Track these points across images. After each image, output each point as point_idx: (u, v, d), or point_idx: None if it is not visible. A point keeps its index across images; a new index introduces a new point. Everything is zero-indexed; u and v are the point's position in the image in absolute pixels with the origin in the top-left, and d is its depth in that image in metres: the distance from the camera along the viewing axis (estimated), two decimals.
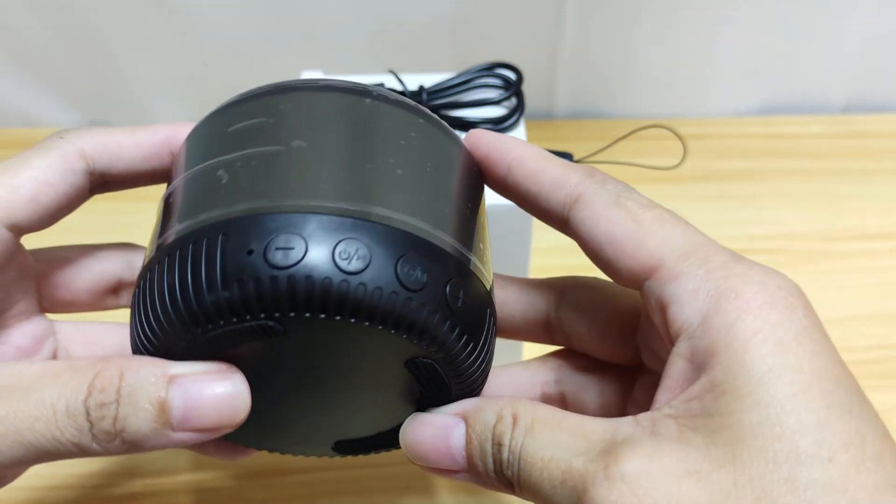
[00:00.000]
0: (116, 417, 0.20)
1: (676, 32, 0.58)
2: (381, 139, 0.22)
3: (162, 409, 0.21)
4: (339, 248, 0.19)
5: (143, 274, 0.22)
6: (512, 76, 0.41)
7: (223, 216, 0.20)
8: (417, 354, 0.21)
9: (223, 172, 0.21)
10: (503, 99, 0.40)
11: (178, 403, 0.21)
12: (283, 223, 0.20)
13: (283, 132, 0.22)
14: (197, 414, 0.21)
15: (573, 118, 0.62)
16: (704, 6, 0.56)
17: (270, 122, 0.22)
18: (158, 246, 0.21)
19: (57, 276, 0.27)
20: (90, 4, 0.54)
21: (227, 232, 0.20)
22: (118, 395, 0.20)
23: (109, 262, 0.27)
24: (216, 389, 0.21)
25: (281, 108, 0.23)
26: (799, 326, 0.19)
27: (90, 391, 0.20)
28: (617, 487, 0.18)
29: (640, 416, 0.20)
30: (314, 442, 0.27)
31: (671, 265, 0.21)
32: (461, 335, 0.21)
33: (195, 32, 0.56)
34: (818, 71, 0.61)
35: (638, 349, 0.25)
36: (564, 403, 0.27)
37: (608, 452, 0.19)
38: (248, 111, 0.23)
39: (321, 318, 0.20)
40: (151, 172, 0.26)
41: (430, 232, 0.21)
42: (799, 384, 0.18)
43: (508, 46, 0.57)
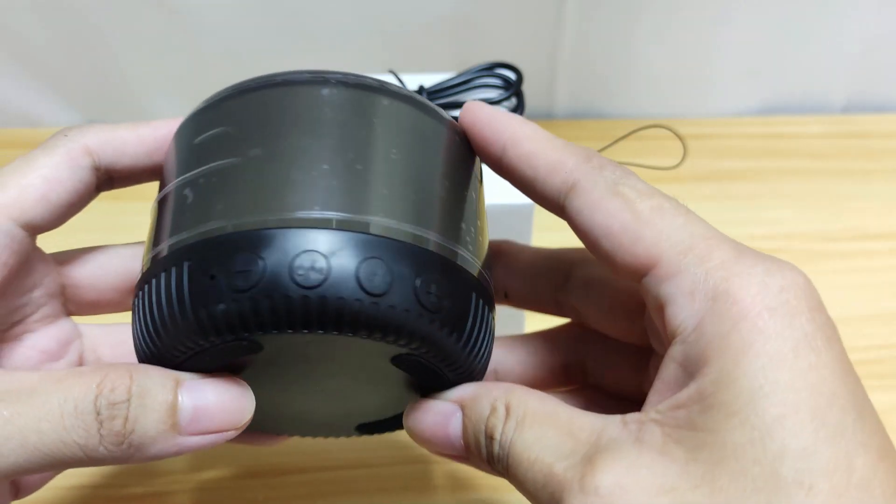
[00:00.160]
0: (127, 418, 0.20)
1: (676, 32, 0.58)
2: (337, 133, 0.21)
3: (172, 411, 0.21)
4: (294, 264, 0.19)
5: (139, 286, 0.22)
6: (512, 76, 0.41)
7: (187, 241, 0.20)
8: (399, 352, 0.21)
9: (189, 191, 0.21)
10: (503, 99, 0.40)
11: (187, 405, 0.21)
12: (241, 244, 0.20)
13: (240, 141, 0.22)
14: (206, 416, 0.21)
15: (573, 118, 0.62)
16: (704, 6, 0.56)
17: (230, 130, 0.22)
18: (153, 258, 0.22)
19: (82, 277, 0.27)
20: (90, 4, 0.54)
21: (190, 258, 0.20)
22: (129, 394, 0.20)
23: (134, 259, 0.27)
24: (223, 393, 0.22)
25: (239, 113, 0.22)
26: (799, 335, 0.19)
27: (100, 391, 0.20)
28: (590, 500, 0.18)
29: (628, 416, 0.20)
30: (337, 426, 0.28)
31: (669, 262, 0.20)
32: (441, 328, 0.20)
33: (195, 32, 0.56)
34: (818, 71, 0.61)
35: (646, 330, 0.24)
36: (585, 375, 0.27)
37: (588, 459, 0.19)
38: (212, 119, 0.23)
39: (289, 332, 0.20)
40: (154, 167, 0.26)
41: (393, 228, 0.20)
42: (789, 405, 0.18)
43: (508, 46, 0.57)
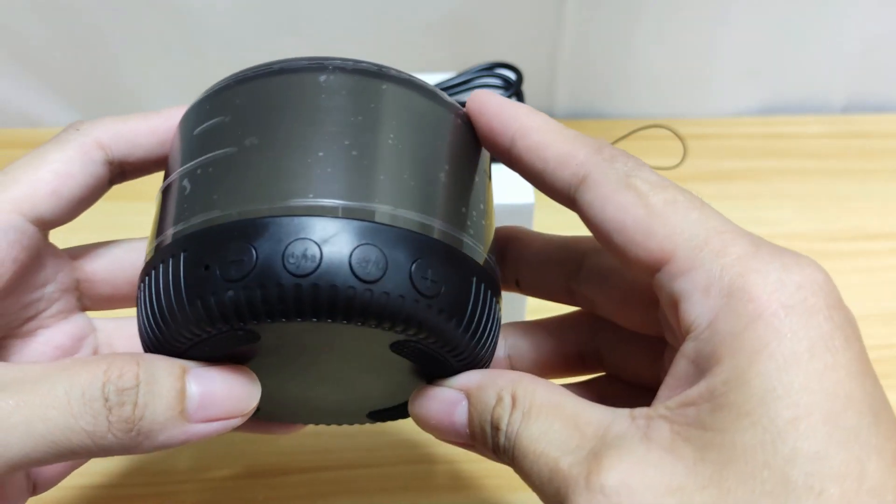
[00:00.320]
0: (137, 403, 0.20)
1: (676, 32, 0.58)
2: (333, 120, 0.21)
3: (180, 397, 0.21)
4: (287, 252, 0.19)
5: (142, 276, 0.22)
6: (512, 76, 0.41)
7: (184, 231, 0.20)
8: (397, 339, 0.21)
9: (187, 182, 0.21)
10: None
11: (194, 392, 0.21)
12: (234, 234, 0.19)
13: (237, 130, 0.21)
14: (212, 402, 0.21)
15: (573, 118, 0.62)
16: (705, 6, 0.56)
17: (227, 119, 0.22)
18: (155, 248, 0.22)
19: (96, 271, 0.27)
20: (90, 4, 0.54)
21: (186, 248, 0.20)
22: (138, 380, 0.20)
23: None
24: (228, 380, 0.22)
25: (237, 102, 0.22)
26: (816, 334, 0.18)
27: (107, 377, 0.20)
28: (595, 499, 0.18)
29: (637, 411, 0.20)
30: (348, 413, 0.27)
31: (683, 257, 0.20)
32: (439, 313, 0.20)
33: (195, 32, 0.56)
34: (818, 71, 0.61)
35: (659, 322, 0.24)
36: (601, 361, 0.27)
37: (595, 456, 0.19)
38: (211, 109, 0.23)
39: (283, 321, 0.20)
40: (166, 157, 0.25)
41: (389, 213, 0.20)
42: (802, 408, 0.17)
43: (508, 46, 0.57)
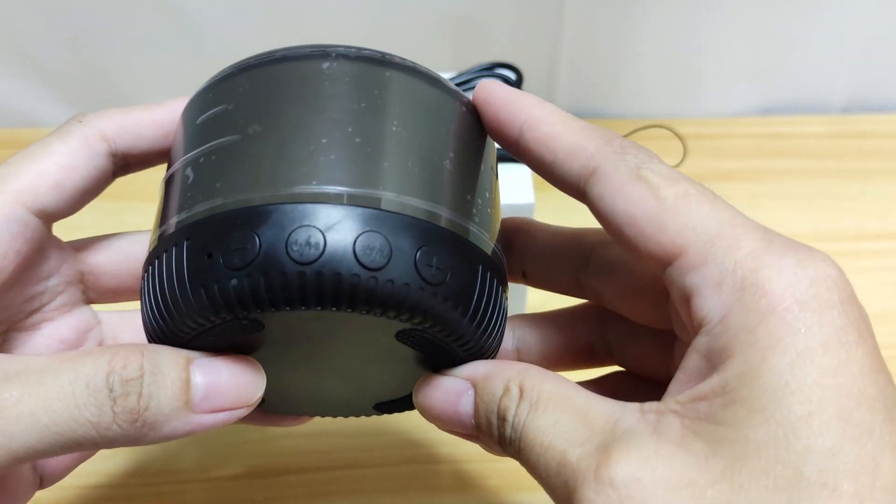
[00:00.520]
0: (141, 394, 0.20)
1: (676, 32, 0.58)
2: (336, 107, 0.21)
3: (185, 387, 0.21)
4: (290, 239, 0.19)
5: (146, 266, 0.22)
6: (512, 76, 0.41)
7: (187, 220, 0.20)
8: (403, 327, 0.21)
9: (190, 170, 0.21)
10: None
11: (199, 382, 0.21)
12: (238, 221, 0.19)
13: (240, 118, 0.21)
14: (217, 392, 0.21)
15: None
16: (704, 6, 0.56)
17: (230, 108, 0.22)
18: (158, 238, 0.22)
19: (101, 264, 0.27)
20: (90, 4, 0.54)
21: (189, 237, 0.20)
22: (142, 370, 0.20)
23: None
24: (233, 370, 0.22)
25: (240, 90, 0.22)
26: (829, 330, 0.18)
27: (112, 368, 0.20)
28: (605, 492, 0.18)
29: (647, 405, 0.19)
30: (354, 405, 0.27)
31: (695, 252, 0.19)
32: (444, 301, 0.20)
33: (195, 32, 0.56)
34: (818, 71, 0.61)
35: (669, 316, 0.23)
36: (610, 354, 0.27)
37: (604, 449, 0.19)
38: (213, 97, 0.23)
39: (287, 310, 0.19)
40: (170, 149, 0.25)
41: (393, 201, 0.20)
42: (815, 403, 0.17)
43: (508, 46, 0.57)
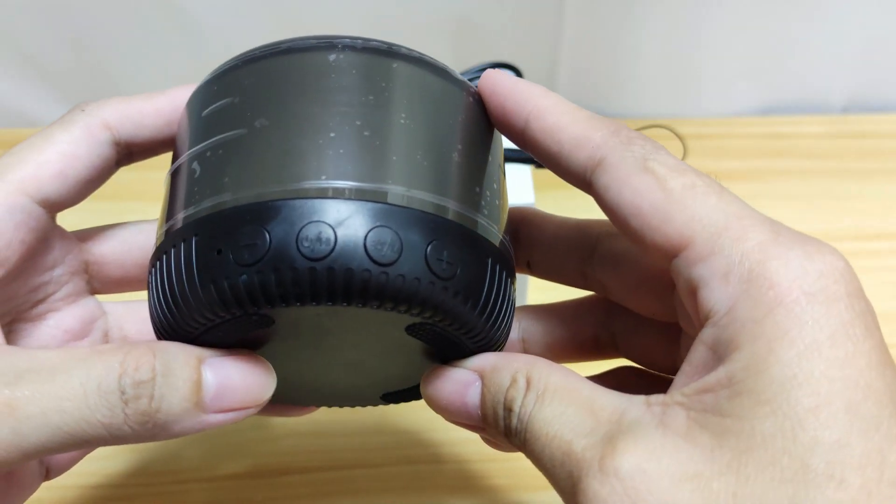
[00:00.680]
0: (153, 397, 0.20)
1: (676, 32, 0.58)
2: (344, 100, 0.21)
3: (196, 388, 0.21)
4: (301, 235, 0.19)
5: (153, 261, 0.22)
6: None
7: (194, 215, 0.20)
8: (413, 321, 0.21)
9: (196, 165, 0.21)
10: None
11: (210, 383, 0.21)
12: (247, 217, 0.19)
13: (246, 112, 0.21)
14: (228, 392, 0.21)
15: None
16: (704, 6, 0.56)
17: (236, 101, 0.22)
18: (165, 232, 0.22)
19: (106, 253, 0.27)
20: (90, 4, 0.54)
21: (197, 233, 0.20)
22: (154, 372, 0.20)
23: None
24: (244, 369, 0.22)
25: (245, 83, 0.22)
26: (837, 322, 0.18)
27: (124, 369, 0.20)
28: (609, 483, 0.18)
29: (653, 397, 0.19)
30: (362, 396, 0.27)
31: (701, 244, 0.19)
32: (455, 295, 0.20)
33: (195, 32, 0.56)
34: (818, 71, 0.61)
35: (675, 308, 0.23)
36: (616, 346, 0.27)
37: (609, 440, 0.19)
38: (218, 90, 0.22)
39: (298, 305, 0.19)
40: (173, 138, 0.25)
41: (403, 195, 0.20)
42: (823, 396, 0.17)
43: (508, 46, 0.57)
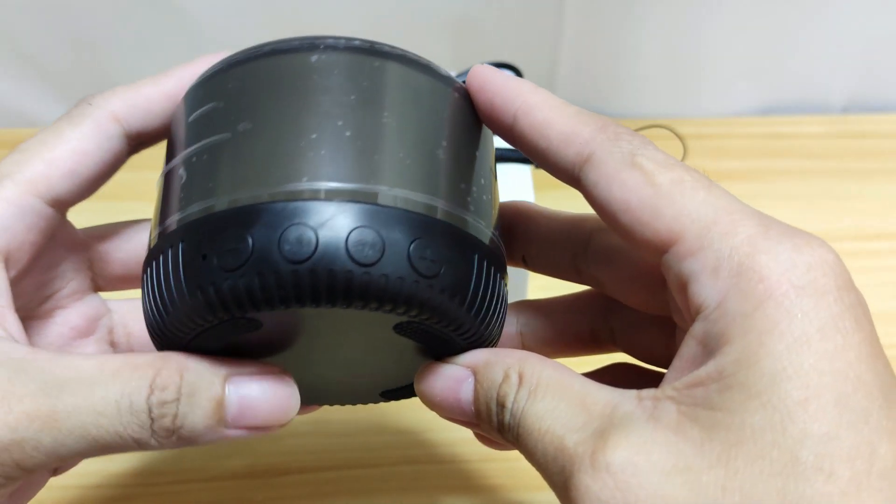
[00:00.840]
0: (176, 416, 0.20)
1: (676, 32, 0.58)
2: (325, 101, 0.21)
3: (219, 406, 0.21)
4: (282, 238, 0.19)
5: (145, 265, 0.22)
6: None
7: (181, 220, 0.20)
8: (400, 320, 0.21)
9: (183, 170, 0.21)
10: None
11: (233, 401, 0.21)
12: (230, 222, 0.19)
13: (230, 116, 0.21)
14: (250, 412, 0.22)
15: None
16: (704, 6, 0.56)
17: (220, 105, 0.22)
18: (158, 235, 0.22)
19: (110, 252, 0.27)
20: (90, 4, 0.54)
21: (183, 238, 0.20)
22: (179, 393, 0.21)
23: None
24: (269, 390, 0.22)
25: (229, 86, 0.22)
26: (826, 315, 0.18)
27: (152, 389, 0.20)
28: (601, 477, 0.18)
29: (644, 392, 0.19)
30: (361, 394, 0.27)
31: (691, 239, 0.19)
32: (440, 293, 0.20)
33: (195, 33, 0.56)
34: (818, 71, 0.61)
35: (668, 303, 0.23)
36: (614, 340, 0.27)
37: (600, 434, 0.19)
38: (204, 94, 0.22)
39: (283, 308, 0.19)
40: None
41: (386, 194, 0.20)
42: (812, 388, 0.17)
43: (508, 46, 0.57)
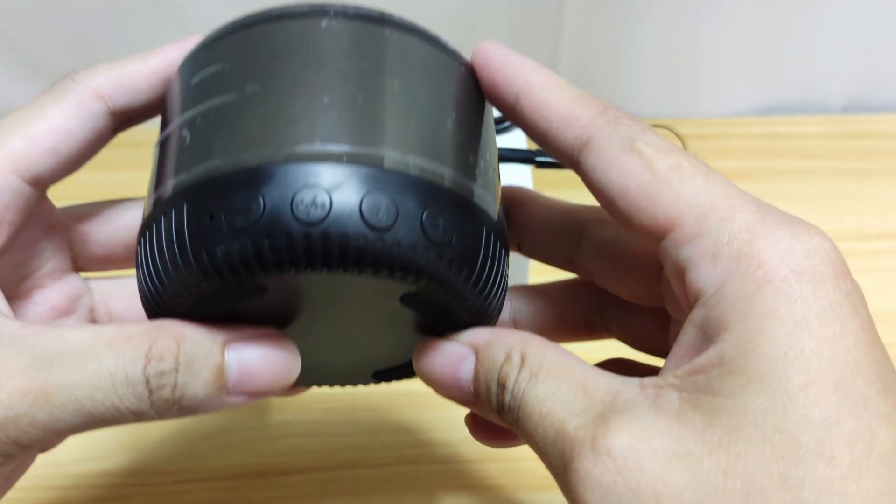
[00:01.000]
0: (176, 386, 0.20)
1: (676, 32, 0.58)
2: (337, 65, 0.21)
3: (219, 374, 0.21)
4: (295, 199, 0.18)
5: (141, 232, 0.21)
6: None
7: (185, 181, 0.20)
8: (407, 290, 0.20)
9: (186, 132, 0.21)
10: None
11: (234, 367, 0.21)
12: (240, 182, 0.19)
13: (238, 77, 0.21)
14: (252, 378, 0.21)
15: None
16: (705, 6, 0.56)
17: (226, 67, 0.21)
18: (154, 203, 0.21)
19: (91, 232, 0.26)
20: (90, 4, 0.54)
21: (188, 199, 0.20)
22: (177, 363, 0.20)
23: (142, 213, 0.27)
24: (268, 353, 0.22)
25: (236, 49, 0.22)
26: (825, 301, 0.18)
27: (148, 360, 0.20)
28: (601, 462, 0.18)
29: (646, 380, 0.19)
30: (353, 374, 0.27)
31: (689, 225, 0.19)
32: (450, 263, 0.20)
33: (195, 32, 0.56)
34: (818, 71, 0.61)
35: (662, 295, 0.23)
36: (608, 328, 0.27)
37: (602, 419, 0.18)
38: (209, 57, 0.22)
39: (293, 272, 0.19)
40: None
41: (399, 160, 0.20)
42: (812, 373, 0.17)
43: (508, 47, 0.57)
